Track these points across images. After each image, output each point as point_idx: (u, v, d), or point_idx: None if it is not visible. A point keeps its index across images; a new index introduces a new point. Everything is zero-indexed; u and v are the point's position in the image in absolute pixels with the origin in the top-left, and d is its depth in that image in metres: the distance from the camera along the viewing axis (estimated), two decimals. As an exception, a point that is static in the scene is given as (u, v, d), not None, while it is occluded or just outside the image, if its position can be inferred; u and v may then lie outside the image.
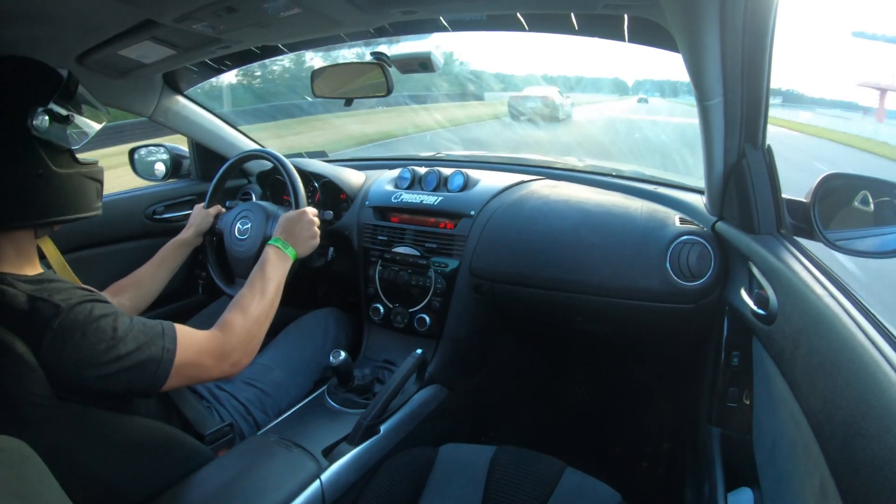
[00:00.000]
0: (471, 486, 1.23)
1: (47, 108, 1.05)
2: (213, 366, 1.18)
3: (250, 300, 1.31)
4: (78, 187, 1.14)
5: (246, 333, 1.25)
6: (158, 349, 1.08)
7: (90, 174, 1.17)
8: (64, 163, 1.10)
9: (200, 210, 1.84)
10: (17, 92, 1.04)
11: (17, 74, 1.06)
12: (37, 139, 1.04)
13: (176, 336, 1.13)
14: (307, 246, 1.55)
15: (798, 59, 30.84)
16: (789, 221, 1.18)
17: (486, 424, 2.09)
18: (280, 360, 1.62)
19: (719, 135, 1.18)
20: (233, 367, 1.22)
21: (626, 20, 1.25)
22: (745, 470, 1.21)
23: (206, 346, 1.18)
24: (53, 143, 1.07)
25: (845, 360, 0.77)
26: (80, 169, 1.14)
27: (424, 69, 1.62)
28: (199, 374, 1.17)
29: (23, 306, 0.99)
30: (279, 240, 1.47)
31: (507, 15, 1.39)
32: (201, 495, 1.17)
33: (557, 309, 1.69)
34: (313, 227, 1.58)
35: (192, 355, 1.14)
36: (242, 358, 1.24)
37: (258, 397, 1.50)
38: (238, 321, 1.25)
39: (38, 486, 0.71)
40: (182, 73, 1.97)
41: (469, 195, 1.83)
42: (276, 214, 1.74)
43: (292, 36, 1.57)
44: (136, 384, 1.06)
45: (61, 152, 1.10)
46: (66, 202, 1.12)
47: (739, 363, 1.33)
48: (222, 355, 1.19)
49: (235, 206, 1.87)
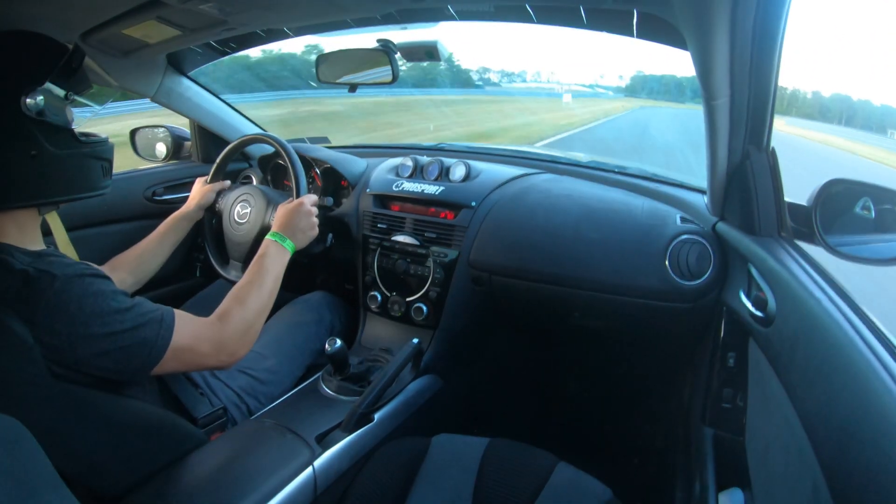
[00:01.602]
0: (463, 478, 1.23)
1: (43, 86, 1.03)
2: (210, 354, 1.19)
3: (248, 291, 1.31)
4: (78, 168, 1.13)
5: (243, 325, 1.25)
6: (153, 332, 1.08)
7: (94, 153, 1.16)
8: (63, 143, 1.09)
9: (202, 184, 1.83)
10: (10, 69, 1.03)
11: (12, 51, 1.05)
12: (31, 119, 1.03)
13: (174, 322, 1.13)
14: (305, 237, 1.55)
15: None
16: (790, 225, 1.18)
17: (480, 416, 2.09)
18: (273, 348, 1.62)
19: (724, 135, 1.17)
20: (229, 357, 1.23)
21: (635, 16, 1.25)
22: (736, 471, 1.21)
23: (204, 333, 1.18)
24: (50, 123, 1.06)
25: (842, 364, 0.77)
26: (82, 149, 1.12)
27: (430, 58, 1.62)
28: (195, 360, 1.17)
29: (20, 276, 0.98)
30: (277, 234, 1.47)
31: (515, 6, 1.38)
32: (194, 479, 1.17)
33: (555, 303, 1.69)
34: (311, 218, 1.57)
35: (189, 340, 1.14)
36: (239, 349, 1.24)
37: (251, 385, 1.50)
38: (236, 312, 1.25)
39: (30, 465, 0.71)
40: (186, 55, 1.97)
41: (471, 186, 1.83)
42: (276, 202, 1.73)
43: (298, 20, 1.57)
44: (128, 364, 1.07)
45: (59, 132, 1.08)
46: (64, 183, 1.11)
47: (735, 364, 1.34)
48: (219, 344, 1.20)
49: (237, 187, 1.87)
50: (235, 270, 1.80)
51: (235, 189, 1.85)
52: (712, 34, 0.96)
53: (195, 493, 1.14)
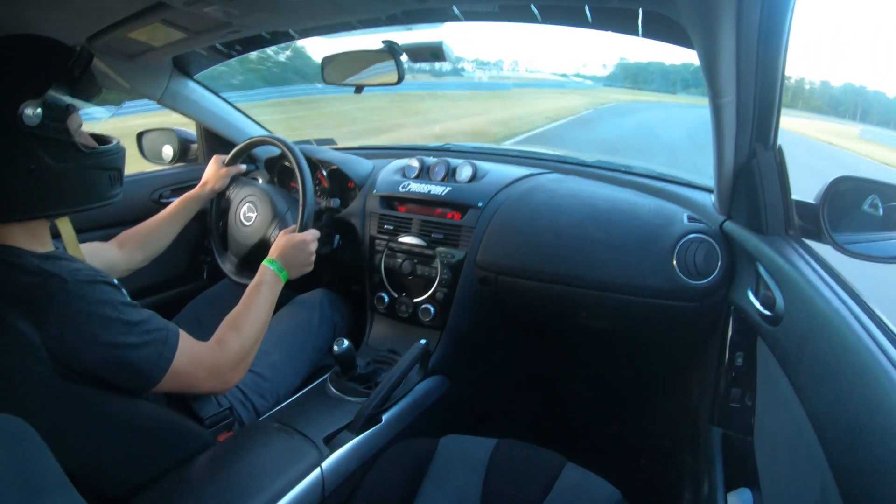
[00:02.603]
0: (470, 478, 1.23)
1: (43, 96, 1.01)
2: (206, 379, 1.20)
3: (245, 319, 1.32)
4: (81, 180, 1.11)
5: (241, 352, 1.26)
6: (156, 352, 1.09)
7: (100, 164, 1.14)
8: (63, 155, 1.07)
9: (218, 165, 1.84)
10: (6, 78, 1.01)
11: (10, 58, 1.03)
12: (28, 132, 1.01)
13: (178, 344, 1.14)
14: (300, 272, 1.56)
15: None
16: (798, 223, 1.17)
17: (487, 417, 2.09)
18: (276, 344, 1.62)
19: (730, 133, 1.17)
20: (224, 384, 1.25)
21: (640, 14, 1.24)
22: (744, 470, 1.21)
23: (203, 359, 1.19)
24: (49, 137, 1.04)
25: (851, 363, 0.77)
26: (86, 161, 1.10)
27: (436, 58, 1.62)
28: (192, 384, 1.19)
29: (31, 279, 0.99)
30: (276, 263, 1.48)
31: (520, 6, 1.38)
32: (202, 479, 1.18)
33: (562, 303, 1.68)
34: (311, 256, 1.59)
35: (189, 366, 1.15)
36: (234, 377, 1.26)
37: (256, 382, 1.50)
38: (234, 341, 1.26)
39: (38, 466, 0.71)
40: (192, 57, 1.97)
41: (477, 186, 1.83)
42: (281, 216, 1.74)
43: (303, 21, 1.57)
44: (127, 380, 1.08)
45: (60, 144, 1.06)
46: (65, 196, 1.10)
47: (743, 364, 1.33)
48: (216, 371, 1.21)
49: (247, 184, 1.87)
50: (230, 264, 1.84)
51: (245, 186, 1.86)
52: (718, 32, 0.96)
53: (203, 493, 1.14)
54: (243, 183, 1.88)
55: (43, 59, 1.06)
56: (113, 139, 1.21)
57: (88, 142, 1.14)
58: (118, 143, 1.20)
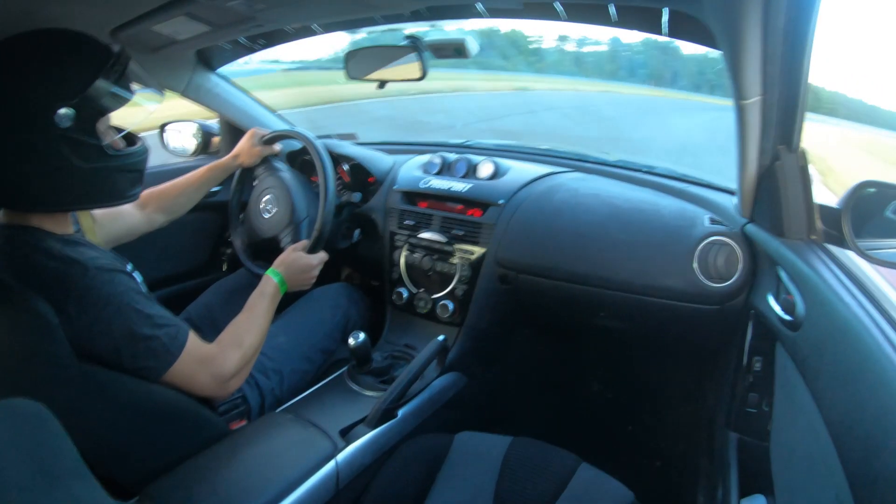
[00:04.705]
0: (484, 476, 1.23)
1: (77, 100, 1.03)
2: (206, 383, 1.22)
3: (247, 329, 1.34)
4: (105, 180, 1.14)
5: (241, 361, 1.28)
6: (163, 347, 1.12)
7: (124, 166, 1.16)
8: (90, 157, 1.09)
9: (254, 140, 1.83)
10: (44, 77, 1.03)
11: (49, 55, 1.04)
12: (60, 134, 1.03)
13: (186, 342, 1.16)
14: (298, 287, 1.57)
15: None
16: (821, 227, 1.16)
17: (503, 415, 2.09)
18: (283, 326, 1.64)
19: (755, 135, 1.15)
20: (223, 389, 1.26)
21: (665, 14, 1.23)
22: (759, 476, 1.20)
23: (207, 362, 1.22)
24: (78, 139, 1.06)
25: (870, 371, 0.76)
26: (110, 163, 1.13)
27: (459, 54, 1.61)
28: (192, 384, 1.20)
29: (52, 263, 1.01)
30: (279, 275, 1.48)
31: (544, 3, 1.38)
32: (216, 468, 1.19)
33: (581, 303, 1.68)
34: (311, 280, 1.60)
35: (192, 365, 1.18)
36: (232, 384, 1.28)
37: (259, 361, 1.50)
38: (235, 349, 1.28)
39: (54, 451, 0.72)
40: (215, 51, 1.99)
41: (498, 184, 1.82)
42: (296, 228, 1.73)
43: (327, 16, 1.57)
44: (133, 369, 1.10)
45: (88, 146, 1.08)
46: (87, 195, 1.13)
47: (762, 368, 1.32)
48: (218, 376, 1.23)
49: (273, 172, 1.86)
50: (241, 242, 1.86)
51: (271, 175, 1.85)
52: (744, 33, 0.95)
53: (217, 482, 1.16)
54: (271, 171, 1.86)
55: (84, 62, 1.07)
56: (139, 139, 1.24)
57: (115, 143, 1.15)
58: (143, 145, 1.22)
